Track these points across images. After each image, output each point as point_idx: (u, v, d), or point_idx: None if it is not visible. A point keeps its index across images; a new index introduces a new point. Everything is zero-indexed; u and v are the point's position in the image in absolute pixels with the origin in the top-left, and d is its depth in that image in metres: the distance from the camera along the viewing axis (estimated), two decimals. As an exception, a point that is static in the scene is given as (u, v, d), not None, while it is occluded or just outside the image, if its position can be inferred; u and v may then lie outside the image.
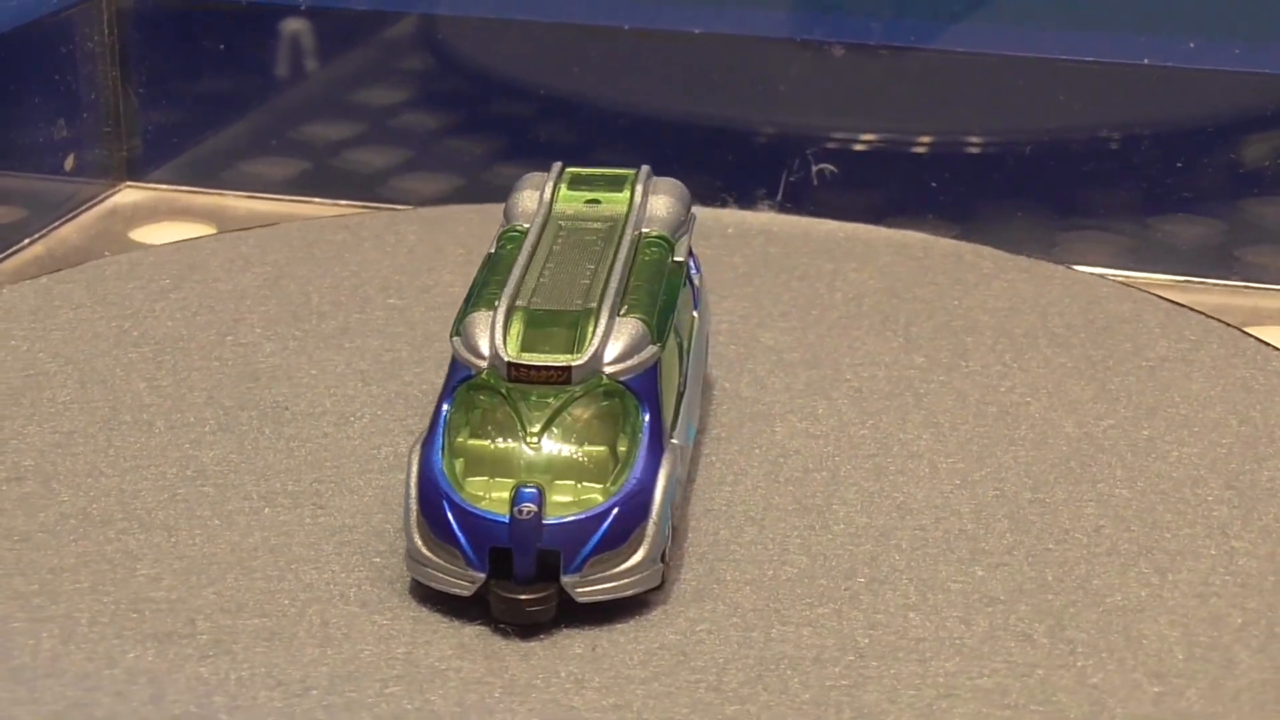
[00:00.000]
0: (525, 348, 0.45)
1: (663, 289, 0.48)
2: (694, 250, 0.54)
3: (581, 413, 0.44)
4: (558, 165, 0.53)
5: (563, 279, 0.48)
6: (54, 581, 0.45)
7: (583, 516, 0.43)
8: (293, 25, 0.72)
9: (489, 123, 0.73)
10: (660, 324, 0.47)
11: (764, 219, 0.68)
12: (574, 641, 0.43)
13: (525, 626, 0.43)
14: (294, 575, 0.45)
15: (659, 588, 0.45)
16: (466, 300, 0.47)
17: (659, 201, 0.52)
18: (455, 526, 0.43)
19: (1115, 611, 0.44)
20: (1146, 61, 0.69)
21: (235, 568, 0.46)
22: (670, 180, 0.54)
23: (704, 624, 0.44)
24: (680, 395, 0.48)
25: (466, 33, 0.72)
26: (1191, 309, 0.60)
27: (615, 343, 0.45)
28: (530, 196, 0.52)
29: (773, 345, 0.58)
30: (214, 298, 0.60)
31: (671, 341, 0.48)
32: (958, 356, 0.57)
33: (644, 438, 0.45)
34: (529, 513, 0.43)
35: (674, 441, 0.46)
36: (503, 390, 0.45)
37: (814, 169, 0.70)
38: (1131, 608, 0.45)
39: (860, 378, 0.56)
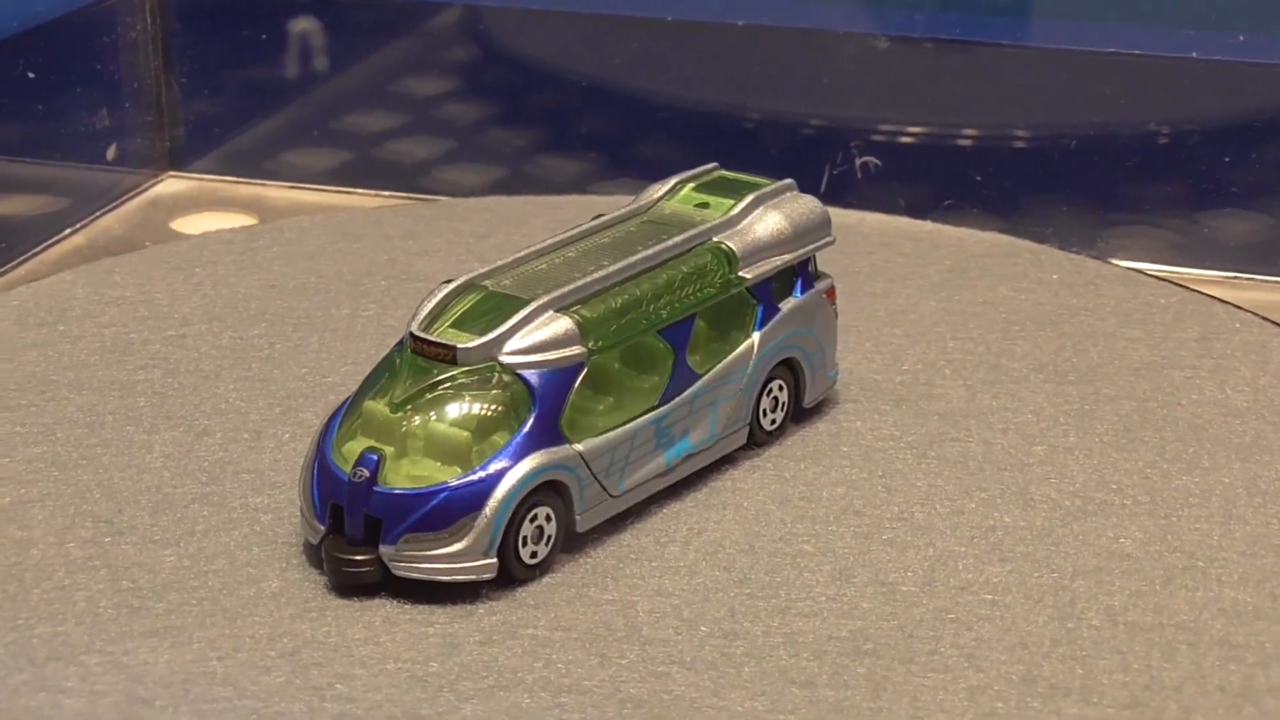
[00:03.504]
0: (456, 324, 0.46)
1: (661, 299, 0.47)
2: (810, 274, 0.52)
3: (464, 395, 0.45)
4: (709, 165, 0.53)
5: (564, 269, 0.48)
6: (67, 455, 0.50)
7: (408, 492, 0.44)
8: (335, 16, 0.72)
9: (531, 114, 0.71)
10: (617, 331, 0.46)
11: (1115, 272, 0.62)
12: (374, 612, 0.44)
13: (346, 586, 0.44)
14: (240, 496, 0.48)
15: (502, 583, 0.44)
16: None
17: (766, 217, 0.51)
18: (315, 477, 0.45)
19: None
20: (1194, 55, 0.67)
21: (200, 477, 0.49)
22: (806, 201, 0.52)
23: (503, 631, 0.43)
24: (652, 409, 0.47)
25: (509, 23, 0.71)
26: None
27: (527, 335, 0.45)
28: (654, 190, 0.52)
29: (936, 395, 0.54)
30: (463, 248, 0.63)
31: (661, 349, 0.47)
32: (1116, 446, 0.51)
33: (519, 434, 0.45)
34: (361, 476, 0.44)
35: (576, 449, 0.45)
36: (402, 359, 0.46)
37: (858, 162, 0.67)
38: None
39: (981, 442, 0.51)
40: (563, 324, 0.46)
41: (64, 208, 0.71)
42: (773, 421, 0.51)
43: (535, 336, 0.45)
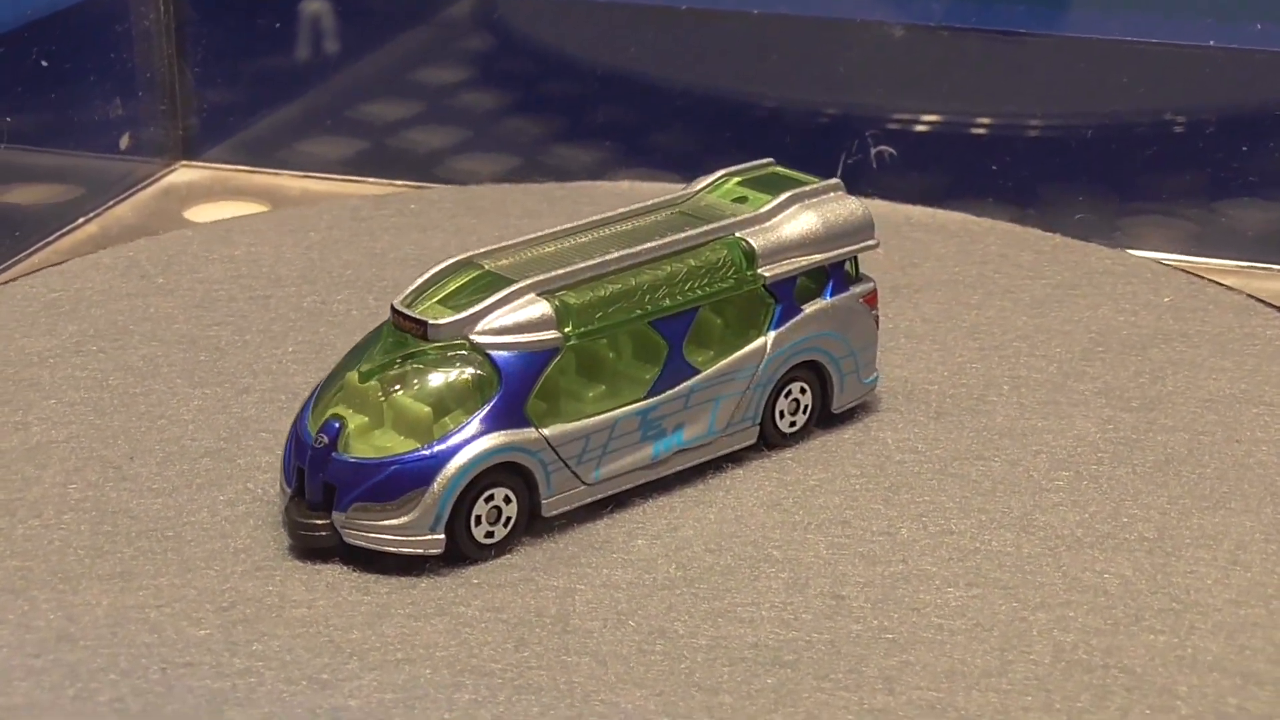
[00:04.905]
0: (441, 301, 0.46)
1: (659, 290, 0.47)
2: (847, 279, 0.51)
3: (431, 370, 0.45)
4: (763, 160, 0.53)
5: (569, 254, 0.48)
6: (108, 401, 0.52)
7: (361, 461, 0.44)
8: (349, 4, 0.71)
9: (546, 102, 0.70)
10: (601, 319, 0.46)
11: (1232, 300, 0.59)
12: (321, 576, 0.44)
13: (303, 548, 0.45)
14: (249, 455, 0.50)
15: (455, 560, 0.45)
16: None
17: (798, 216, 0.50)
18: (289, 441, 0.46)
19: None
20: (1212, 43, 0.67)
21: (221, 432, 0.51)
22: (847, 203, 0.51)
23: (434, 607, 0.43)
24: (636, 400, 0.47)
25: (524, 11, 0.70)
26: None
27: (501, 316, 0.45)
28: (701, 181, 0.52)
29: (983, 411, 0.52)
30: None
31: (653, 341, 0.47)
32: (1147, 478, 0.49)
33: (478, 413, 0.45)
34: (321, 442, 0.45)
35: (542, 433, 0.45)
36: (384, 332, 0.46)
37: (873, 151, 0.65)
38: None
39: (1006, 463, 0.49)
40: (540, 308, 0.46)
41: (77, 197, 0.71)
42: (791, 424, 0.50)
43: (510, 318, 0.45)
